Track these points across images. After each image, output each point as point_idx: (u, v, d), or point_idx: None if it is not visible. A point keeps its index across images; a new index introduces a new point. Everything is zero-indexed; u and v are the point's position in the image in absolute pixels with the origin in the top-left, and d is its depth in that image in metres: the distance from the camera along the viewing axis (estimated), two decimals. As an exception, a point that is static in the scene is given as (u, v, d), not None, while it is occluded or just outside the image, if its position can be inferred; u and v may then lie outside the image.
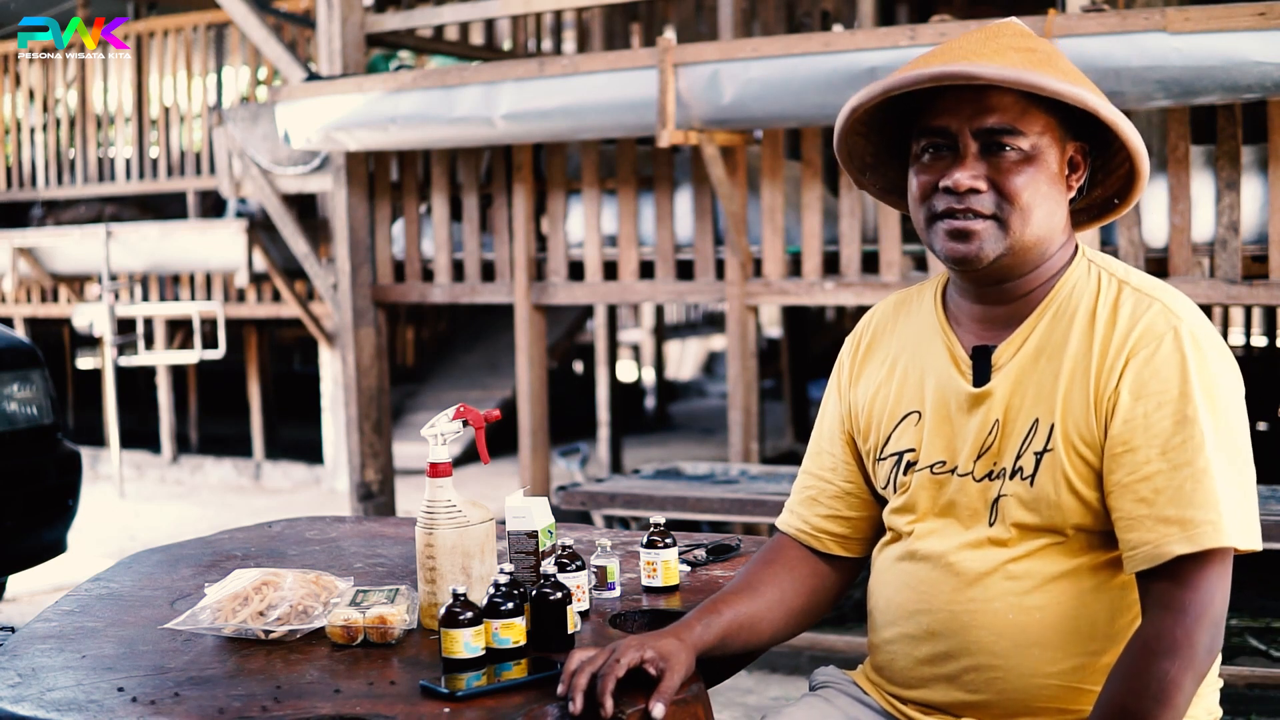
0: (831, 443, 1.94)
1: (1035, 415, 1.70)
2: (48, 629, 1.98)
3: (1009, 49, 1.68)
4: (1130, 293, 1.70)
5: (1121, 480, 1.64)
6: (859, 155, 1.86)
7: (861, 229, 4.89)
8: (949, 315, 1.83)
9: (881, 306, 1.95)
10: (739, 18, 5.37)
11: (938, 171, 1.71)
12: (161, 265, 8.04)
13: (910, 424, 1.82)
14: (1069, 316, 1.72)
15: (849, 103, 1.76)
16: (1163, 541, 1.60)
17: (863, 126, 1.81)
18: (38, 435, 4.68)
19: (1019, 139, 1.68)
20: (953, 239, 1.71)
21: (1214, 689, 1.78)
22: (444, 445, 1.95)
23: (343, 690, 1.68)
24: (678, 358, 15.55)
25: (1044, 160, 1.69)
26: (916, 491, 1.80)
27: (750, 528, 4.62)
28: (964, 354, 1.78)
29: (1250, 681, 3.75)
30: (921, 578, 1.78)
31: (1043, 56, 1.68)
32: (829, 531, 1.93)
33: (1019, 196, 1.68)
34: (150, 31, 8.79)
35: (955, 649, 1.74)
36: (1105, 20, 3.88)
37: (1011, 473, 1.71)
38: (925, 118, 1.72)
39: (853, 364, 1.93)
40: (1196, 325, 1.66)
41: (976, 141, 1.69)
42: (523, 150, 5.46)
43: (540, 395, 5.62)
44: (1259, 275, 4.25)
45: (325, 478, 8.45)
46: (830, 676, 1.96)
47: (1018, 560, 1.71)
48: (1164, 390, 1.63)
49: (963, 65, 1.64)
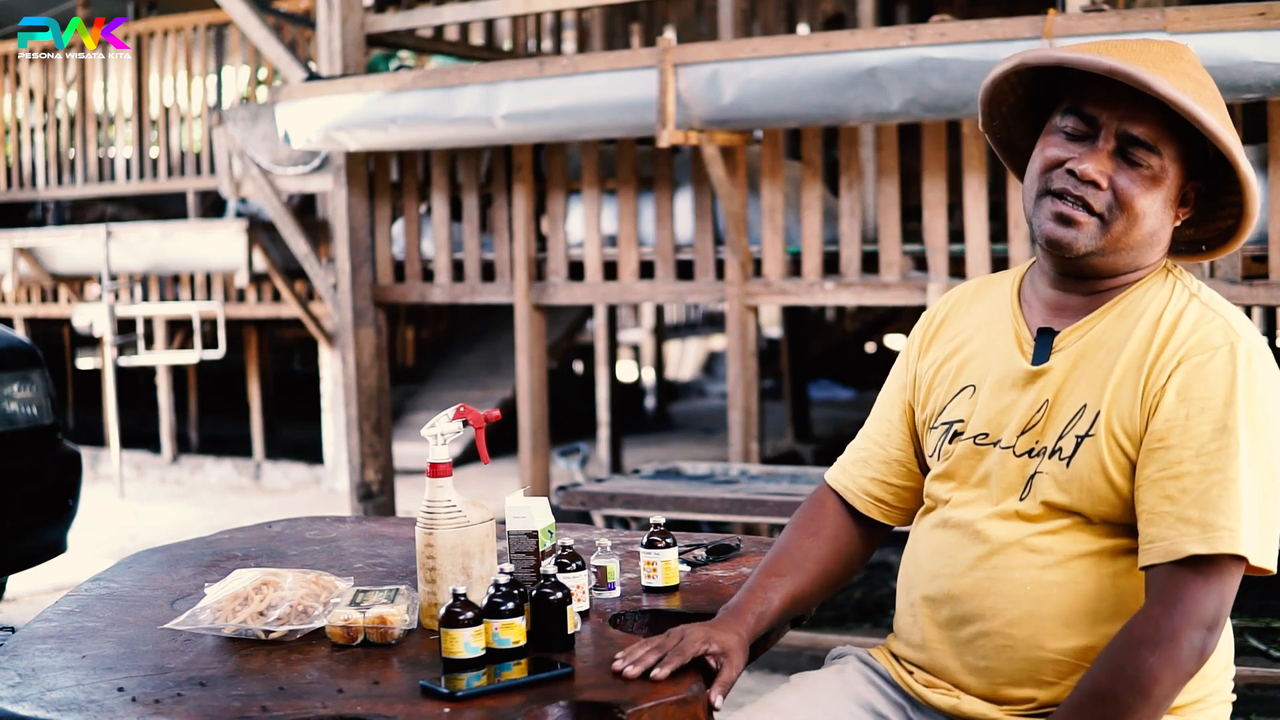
0: (891, 409, 2.00)
1: (1084, 400, 1.75)
2: (48, 629, 1.98)
3: (1185, 75, 1.71)
4: (1198, 305, 1.75)
5: (1152, 475, 1.67)
6: (999, 101, 1.88)
7: (861, 229, 4.90)
8: (1022, 299, 1.88)
9: (961, 288, 2.01)
10: (739, 18, 5.38)
11: (1070, 152, 1.75)
12: (161, 265, 8.04)
13: (965, 396, 1.87)
14: (1136, 316, 1.76)
15: (1018, 56, 1.79)
16: (1179, 539, 1.63)
17: (1016, 78, 1.84)
18: (38, 435, 4.68)
19: (1152, 157, 1.72)
20: (1056, 221, 1.75)
21: (1224, 701, 1.79)
22: (444, 445, 1.95)
23: (343, 690, 1.68)
24: (678, 358, 15.55)
25: (1164, 184, 1.74)
26: (957, 460, 1.85)
27: (750, 528, 4.62)
28: (1029, 335, 1.83)
29: (1250, 681, 3.76)
30: (950, 543, 1.83)
31: (1210, 95, 1.73)
32: (872, 495, 2.00)
33: (1132, 206, 1.73)
34: (150, 31, 8.79)
35: (971, 613, 1.78)
36: (1105, 20, 3.88)
37: (1051, 452, 1.76)
38: (1080, 99, 1.75)
39: (924, 338, 1.99)
40: (1255, 346, 1.70)
41: (1115, 142, 1.72)
42: (523, 150, 5.46)
43: (540, 395, 5.62)
44: (1259, 275, 4.25)
45: (325, 478, 8.45)
46: (847, 650, 2.03)
47: (1042, 535, 1.75)
48: (1209, 397, 1.66)
49: (1141, 71, 1.66)
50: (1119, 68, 1.68)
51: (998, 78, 1.83)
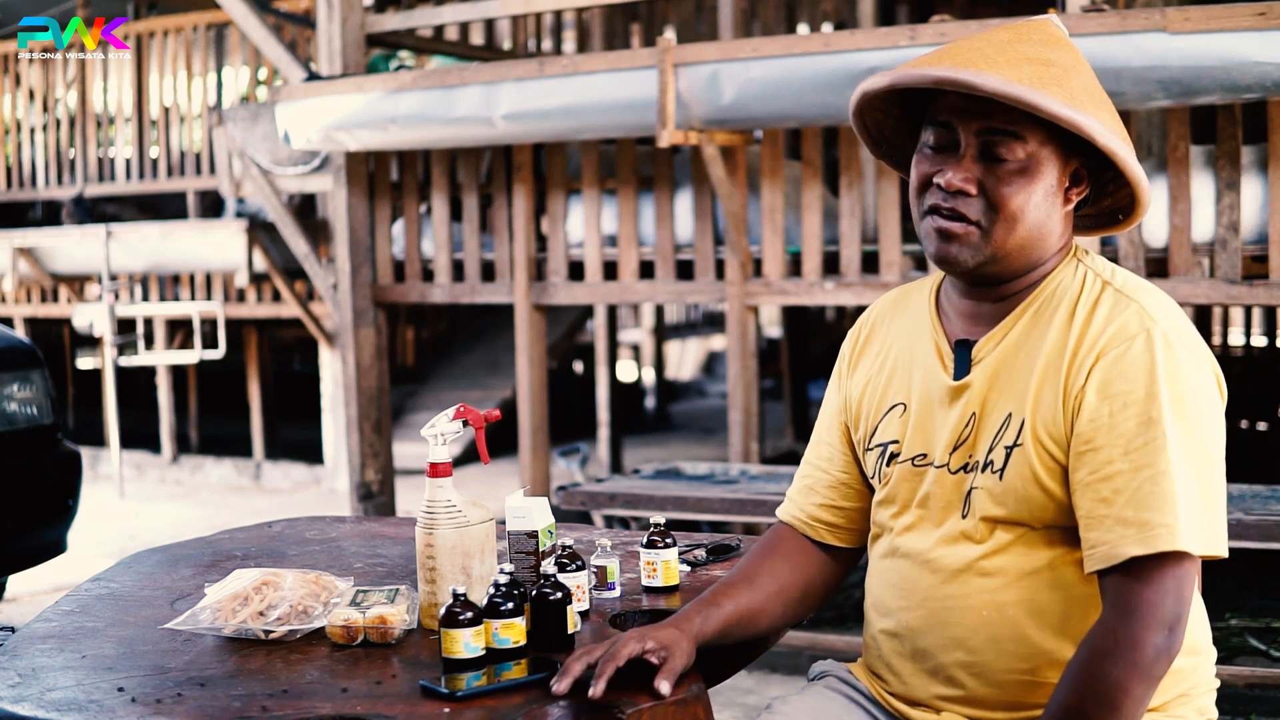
0: (829, 433, 1.96)
1: (1008, 409, 1.71)
2: (48, 629, 1.98)
3: (1026, 59, 1.66)
4: (1111, 293, 1.70)
5: (1084, 479, 1.64)
6: (877, 127, 1.86)
7: (861, 229, 4.90)
8: (940, 311, 1.84)
9: (882, 301, 1.97)
10: (739, 18, 5.37)
11: (936, 165, 1.72)
12: (161, 265, 8.04)
13: (895, 415, 1.83)
14: (1050, 314, 1.72)
15: (860, 87, 1.77)
16: (1118, 542, 1.59)
17: (880, 103, 1.81)
18: (38, 435, 4.68)
19: (1017, 147, 1.67)
20: (938, 237, 1.72)
21: (1208, 691, 1.77)
22: (444, 445, 1.94)
23: (343, 690, 1.68)
24: (678, 358, 15.55)
25: (1040, 171, 1.68)
26: (897, 484, 1.82)
27: (750, 528, 4.62)
28: (948, 347, 1.79)
29: (1250, 681, 3.75)
30: (902, 575, 1.80)
31: (1058, 72, 1.67)
32: (823, 521, 1.95)
33: (1006, 205, 1.67)
34: (150, 31, 8.79)
35: (934, 645, 1.76)
36: (1105, 20, 3.88)
37: (983, 466, 1.72)
38: (935, 111, 1.73)
39: (851, 356, 1.95)
40: (1172, 328, 1.65)
41: (977, 141, 1.68)
42: (523, 150, 5.46)
43: (540, 395, 5.62)
44: (1259, 275, 4.25)
45: (325, 478, 8.45)
46: (828, 668, 1.98)
47: (990, 556, 1.71)
48: (1130, 391, 1.62)
49: (966, 74, 1.63)
50: (944, 76, 1.64)
51: (853, 117, 1.82)
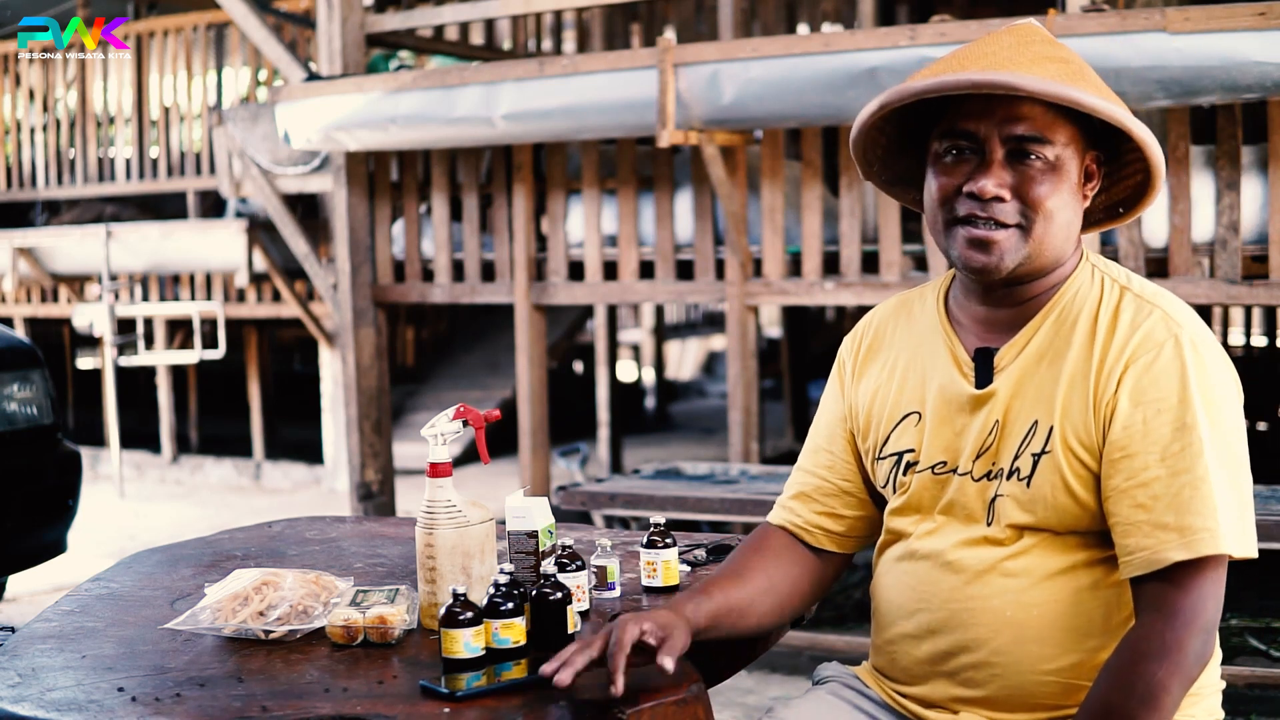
0: (830, 441, 1.94)
1: (1035, 417, 1.71)
2: (48, 629, 1.97)
3: (1044, 58, 1.67)
4: (1131, 299, 1.71)
5: (1120, 485, 1.64)
6: (871, 147, 1.85)
7: (861, 229, 4.89)
8: (951, 318, 1.83)
9: (883, 308, 1.95)
10: (739, 18, 5.37)
11: (961, 175, 1.71)
12: (161, 265, 8.04)
13: (910, 424, 1.82)
14: (1071, 321, 1.72)
15: (877, 100, 1.74)
16: (1160, 548, 1.60)
17: (879, 121, 1.80)
18: (38, 435, 4.68)
19: (1046, 148, 1.68)
20: (973, 247, 1.70)
21: (1216, 691, 1.78)
22: (444, 445, 1.94)
23: (344, 690, 1.68)
24: (678, 358, 15.55)
25: (1066, 170, 1.70)
26: (918, 492, 1.81)
27: (750, 528, 4.61)
28: (966, 356, 1.78)
29: (1250, 681, 3.75)
30: (921, 576, 1.79)
31: (1075, 69, 1.69)
32: (823, 528, 1.94)
33: (1043, 204, 1.68)
34: (150, 31, 8.79)
35: (955, 646, 1.75)
36: (1105, 20, 3.88)
37: (1009, 473, 1.72)
38: (952, 119, 1.71)
39: (854, 363, 1.93)
40: (1196, 333, 1.67)
41: (1004, 148, 1.69)
42: (523, 150, 5.46)
43: (540, 395, 5.62)
44: (1259, 275, 4.25)
45: (325, 478, 8.45)
46: (834, 672, 1.97)
47: (1014, 558, 1.72)
48: (1163, 397, 1.63)
49: (1005, 76, 1.63)
50: (986, 79, 1.63)
51: (859, 135, 1.79)
